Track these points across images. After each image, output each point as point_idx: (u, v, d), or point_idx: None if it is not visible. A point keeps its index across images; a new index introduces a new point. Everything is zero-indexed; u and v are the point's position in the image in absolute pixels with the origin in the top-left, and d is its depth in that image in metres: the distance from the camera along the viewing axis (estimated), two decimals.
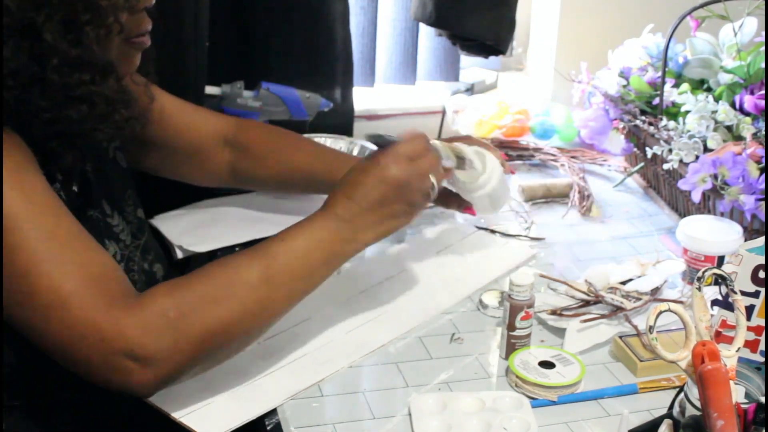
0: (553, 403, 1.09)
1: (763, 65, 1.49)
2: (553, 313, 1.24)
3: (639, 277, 1.31)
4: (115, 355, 0.94)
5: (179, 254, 1.43)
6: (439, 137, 1.93)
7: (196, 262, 1.44)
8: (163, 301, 0.97)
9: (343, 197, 1.08)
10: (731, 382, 0.87)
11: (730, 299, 0.96)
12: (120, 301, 0.96)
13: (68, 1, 0.94)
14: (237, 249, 1.43)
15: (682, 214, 1.50)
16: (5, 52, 0.93)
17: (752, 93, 1.49)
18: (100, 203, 1.16)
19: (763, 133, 1.42)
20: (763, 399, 0.90)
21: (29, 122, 0.97)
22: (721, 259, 1.32)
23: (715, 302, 1.09)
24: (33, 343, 0.97)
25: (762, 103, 1.45)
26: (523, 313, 1.16)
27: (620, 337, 1.18)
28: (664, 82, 1.57)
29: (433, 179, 1.12)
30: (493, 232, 1.50)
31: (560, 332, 1.22)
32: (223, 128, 1.40)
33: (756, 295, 1.08)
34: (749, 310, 1.07)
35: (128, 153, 1.27)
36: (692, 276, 1.31)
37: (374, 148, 1.71)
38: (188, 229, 1.48)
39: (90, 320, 0.93)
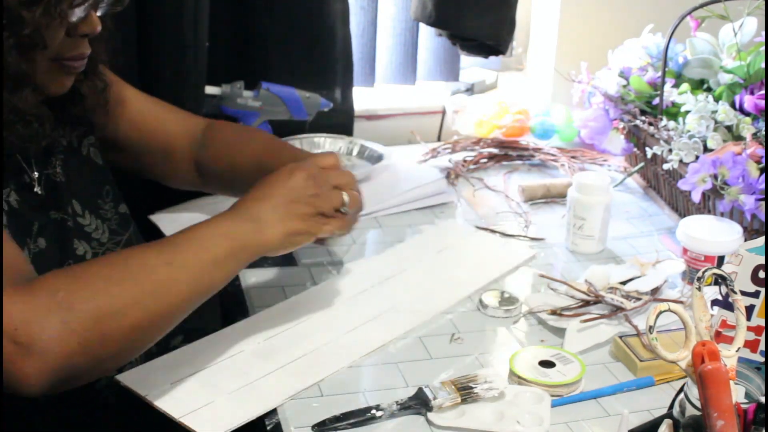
0: (576, 400, 1.09)
1: (763, 65, 1.49)
2: (553, 313, 1.24)
3: (639, 277, 1.31)
4: None
5: None
6: (438, 138, 1.94)
7: None
8: (53, 282, 0.92)
9: (250, 197, 1.10)
10: (731, 382, 0.87)
11: (730, 299, 0.96)
12: (11, 283, 0.90)
13: None
14: None
15: (682, 214, 1.50)
16: None
17: (752, 93, 1.49)
18: (69, 204, 1.14)
19: (763, 133, 1.42)
20: (763, 399, 0.90)
21: None
22: (721, 259, 1.32)
23: (715, 302, 1.09)
24: None
25: (762, 103, 1.45)
26: None
27: (620, 337, 1.18)
28: (664, 82, 1.57)
29: (345, 196, 1.14)
30: (493, 232, 1.51)
31: (560, 332, 1.22)
32: (193, 129, 1.36)
33: (756, 295, 1.08)
34: (749, 310, 1.07)
35: (105, 152, 1.25)
36: (692, 276, 1.31)
37: (375, 148, 1.73)
38: (185, 225, 1.47)
39: None
